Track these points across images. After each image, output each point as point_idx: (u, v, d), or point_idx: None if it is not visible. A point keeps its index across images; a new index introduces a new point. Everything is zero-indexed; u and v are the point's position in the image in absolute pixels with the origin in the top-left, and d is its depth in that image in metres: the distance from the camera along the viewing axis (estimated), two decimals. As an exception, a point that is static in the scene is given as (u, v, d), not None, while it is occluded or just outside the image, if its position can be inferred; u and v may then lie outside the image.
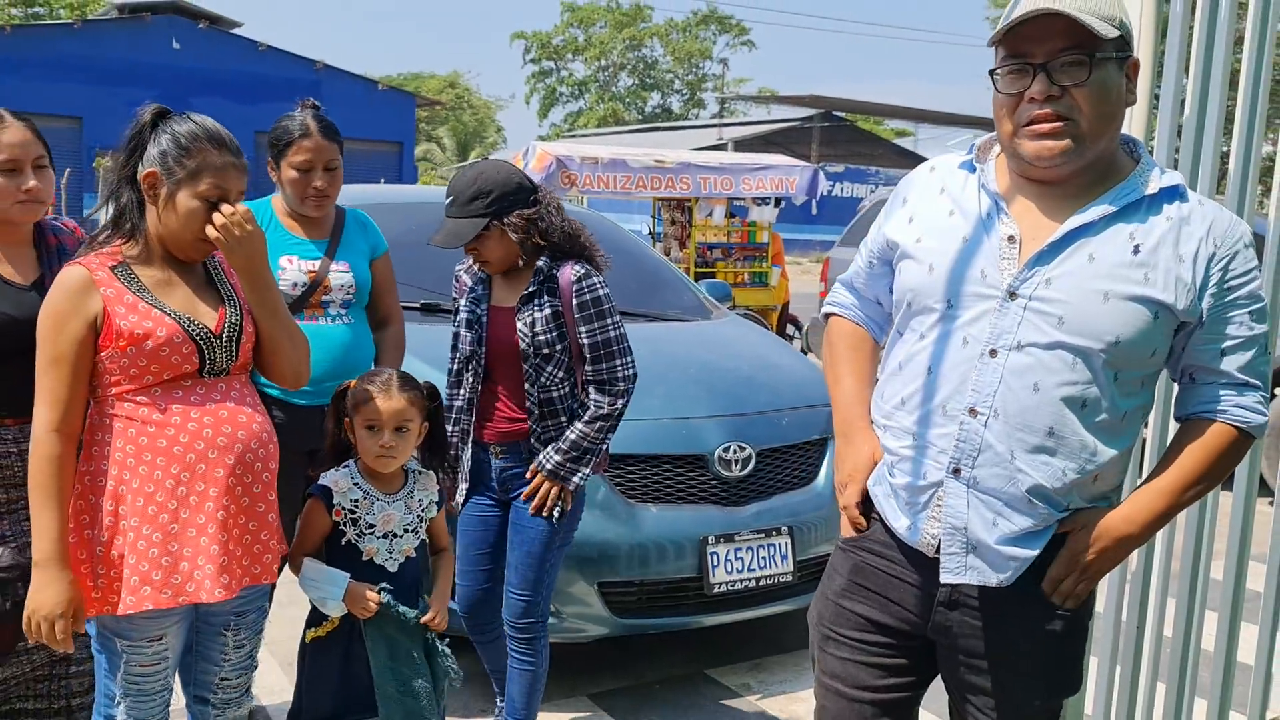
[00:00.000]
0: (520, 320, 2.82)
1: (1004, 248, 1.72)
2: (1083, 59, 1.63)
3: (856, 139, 37.21)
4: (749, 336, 4.76)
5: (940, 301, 1.77)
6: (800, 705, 3.59)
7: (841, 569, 1.95)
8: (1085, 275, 1.68)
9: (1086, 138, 1.67)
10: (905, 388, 1.82)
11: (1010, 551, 1.74)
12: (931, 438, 1.77)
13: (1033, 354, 1.69)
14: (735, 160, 11.39)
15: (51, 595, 2.05)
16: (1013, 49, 1.69)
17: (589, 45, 58.46)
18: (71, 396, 2.08)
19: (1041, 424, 1.69)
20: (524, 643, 2.92)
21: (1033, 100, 1.66)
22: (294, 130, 3.03)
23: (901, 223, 1.89)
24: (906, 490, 1.81)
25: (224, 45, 29.19)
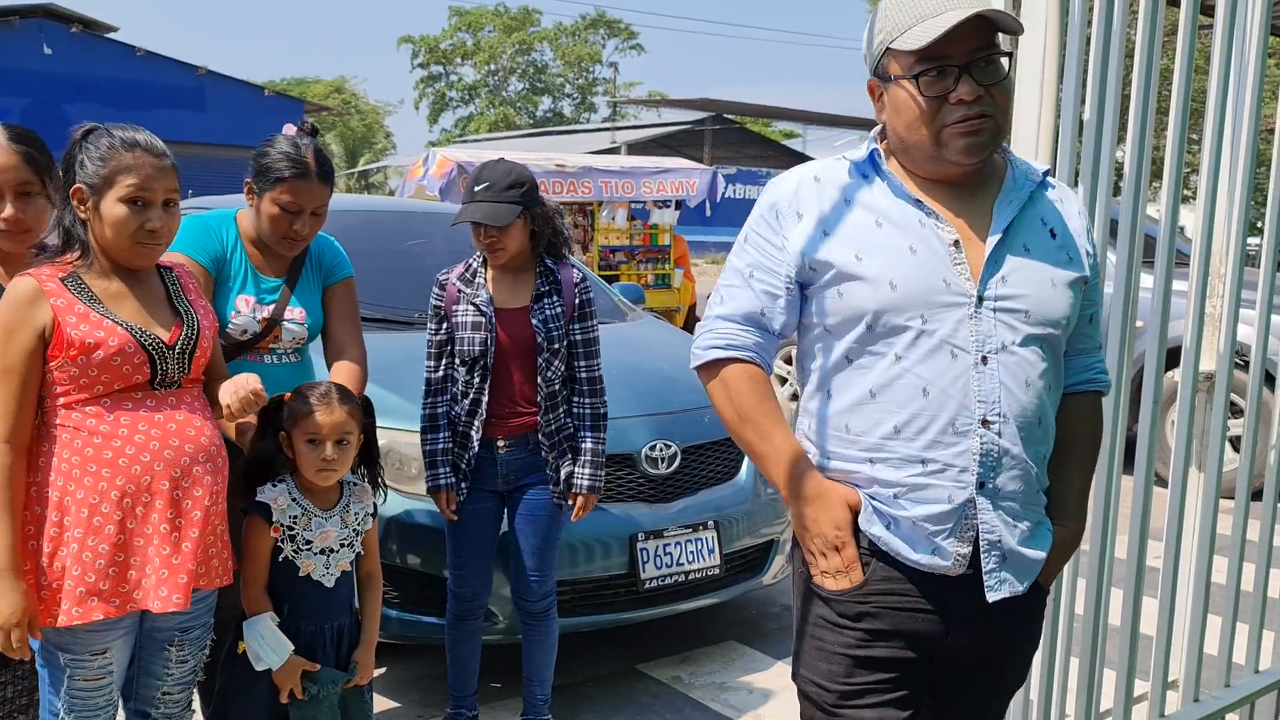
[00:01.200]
0: (535, 317, 3.03)
1: (952, 254, 1.71)
2: (999, 58, 1.68)
3: (747, 141, 37.75)
4: (666, 337, 4.85)
5: (914, 318, 1.69)
6: (730, 694, 3.69)
7: (848, 617, 1.78)
8: (1030, 267, 1.73)
9: (1000, 132, 1.73)
10: (895, 415, 1.71)
11: (1031, 554, 1.78)
12: (949, 459, 1.70)
13: (1015, 353, 1.71)
14: (636, 164, 11.50)
15: (6, 605, 2.03)
16: (929, 53, 1.66)
17: (478, 49, 58.10)
18: (20, 408, 2.07)
19: (1035, 417, 1.73)
20: (540, 616, 3.19)
21: (961, 102, 1.66)
22: (289, 168, 2.69)
23: (816, 240, 1.76)
24: (930, 519, 1.72)
25: (99, 50, 28.11)
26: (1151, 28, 2.48)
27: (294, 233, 2.75)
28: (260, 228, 2.80)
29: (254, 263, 2.83)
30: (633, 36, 59.10)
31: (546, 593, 3.20)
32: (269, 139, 2.79)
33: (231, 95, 29.26)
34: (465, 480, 3.11)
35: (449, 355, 3.13)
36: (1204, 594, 2.86)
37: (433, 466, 3.13)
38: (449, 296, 3.12)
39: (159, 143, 2.18)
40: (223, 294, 2.75)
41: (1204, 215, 2.70)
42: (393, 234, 4.83)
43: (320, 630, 2.53)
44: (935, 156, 1.72)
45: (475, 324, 3.04)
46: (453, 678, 3.25)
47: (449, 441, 3.11)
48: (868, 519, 1.76)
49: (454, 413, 3.11)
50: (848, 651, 1.78)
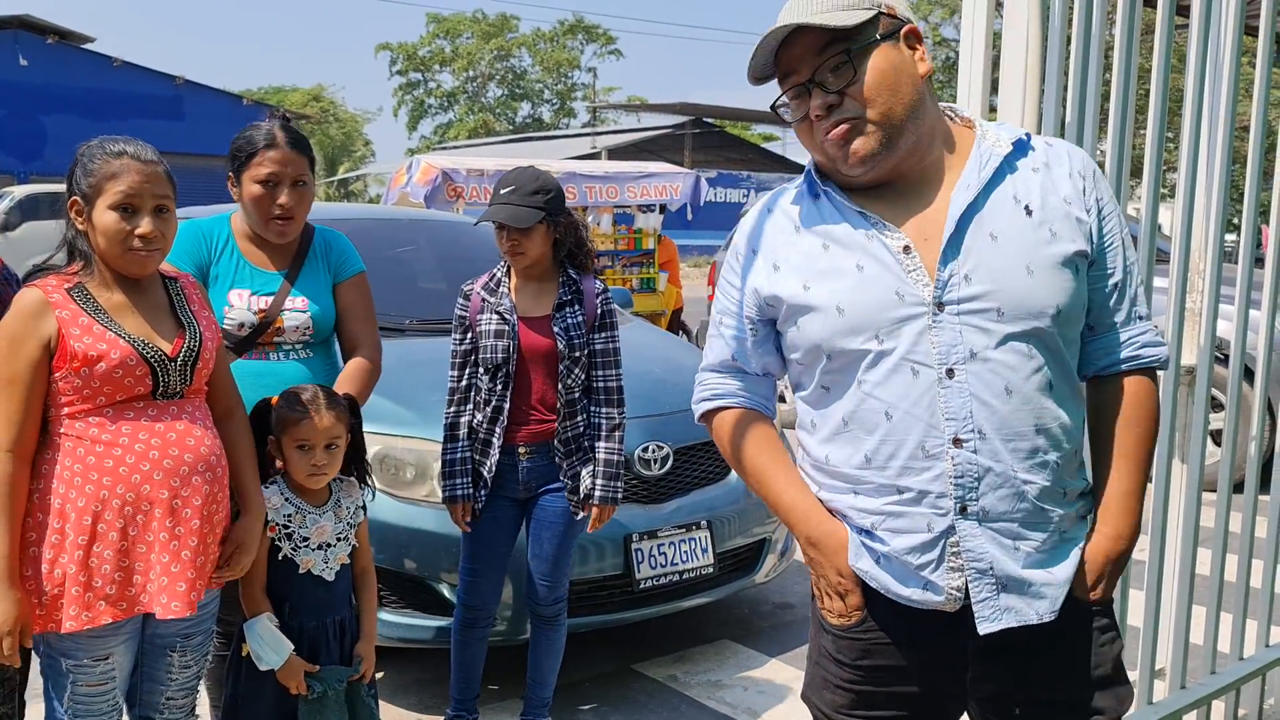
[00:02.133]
0: (557, 326, 3.07)
1: (904, 260, 1.58)
2: (843, 59, 1.55)
3: (727, 145, 37.85)
4: (655, 340, 4.90)
5: (869, 339, 1.58)
6: (725, 692, 3.73)
7: (847, 656, 1.72)
8: (998, 256, 1.56)
9: (887, 127, 1.56)
10: (864, 444, 1.62)
11: (1040, 576, 1.59)
12: (922, 484, 1.58)
13: (990, 359, 1.55)
14: (620, 169, 11.54)
15: (0, 612, 2.05)
16: (782, 75, 1.62)
17: (456, 56, 57.99)
18: (25, 417, 2.09)
19: (1027, 425, 1.56)
20: (550, 621, 3.23)
21: (819, 117, 1.58)
22: (258, 140, 2.71)
23: (768, 275, 1.69)
24: (912, 551, 1.60)
25: (76, 61, 27.96)
26: (1129, 28, 2.54)
27: (280, 208, 2.71)
28: (249, 217, 2.77)
29: (251, 259, 2.80)
30: (611, 42, 59.14)
31: (558, 598, 3.23)
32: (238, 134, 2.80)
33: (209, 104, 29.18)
34: (485, 488, 3.13)
35: (472, 364, 3.16)
36: (1189, 585, 2.92)
37: (451, 476, 3.15)
38: (473, 306, 3.16)
39: (149, 151, 2.20)
40: (214, 293, 2.73)
41: (1183, 212, 2.76)
42: (381, 241, 4.85)
43: (322, 625, 2.56)
44: (837, 171, 1.64)
45: (498, 331, 3.08)
46: (456, 682, 3.27)
47: (469, 450, 3.15)
48: (856, 552, 1.67)
49: (475, 420, 3.15)
50: (851, 687, 1.73)
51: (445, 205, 9.65)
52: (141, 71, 28.98)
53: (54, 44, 27.69)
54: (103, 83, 27.89)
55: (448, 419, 3.18)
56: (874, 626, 1.69)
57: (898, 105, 1.56)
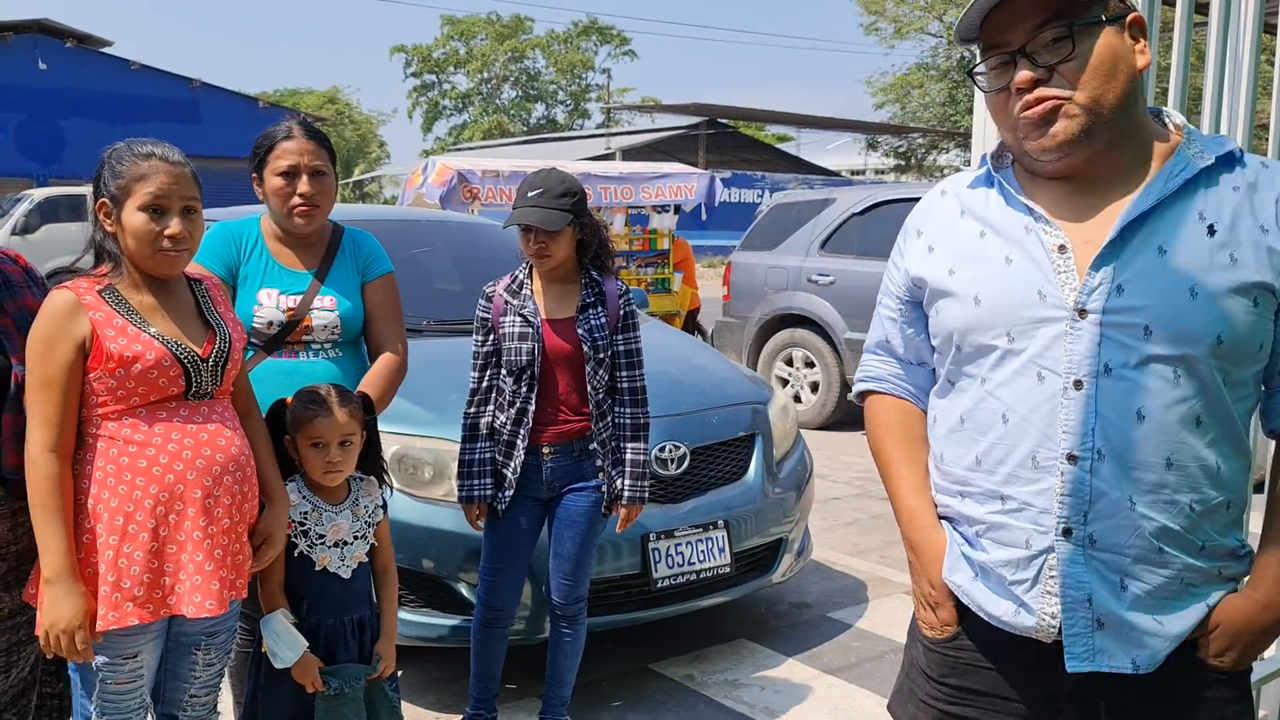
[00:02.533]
0: (581, 328, 3.08)
1: (1056, 260, 1.49)
2: (1063, 32, 1.45)
3: (741, 145, 37.84)
4: (671, 340, 4.90)
5: (999, 336, 1.51)
6: (743, 691, 3.73)
7: (934, 671, 1.66)
8: (1161, 272, 1.43)
9: (1093, 115, 1.45)
10: (977, 444, 1.55)
11: (1145, 623, 1.46)
12: (1027, 497, 1.49)
13: (1127, 377, 1.43)
14: (634, 169, 11.55)
15: (68, 608, 2.07)
16: (987, 41, 1.51)
17: (470, 58, 58.12)
18: (64, 417, 2.11)
19: (1156, 456, 1.43)
20: (570, 620, 3.24)
21: (1019, 90, 1.48)
22: (276, 134, 2.80)
23: (922, 256, 1.65)
24: (1006, 566, 1.52)
25: (94, 64, 28.16)
26: (1148, 26, 2.53)
27: (301, 196, 2.75)
28: (275, 213, 2.82)
29: (280, 259, 2.84)
30: (625, 43, 59.18)
31: (579, 597, 3.24)
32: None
33: (226, 107, 29.33)
34: (510, 489, 3.13)
35: (494, 366, 3.17)
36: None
37: (469, 476, 3.15)
38: (496, 308, 3.16)
39: (176, 153, 2.24)
40: (244, 292, 2.78)
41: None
42: (397, 242, 4.87)
43: (340, 623, 2.57)
44: (1022, 153, 1.55)
45: (522, 334, 3.08)
46: (475, 681, 3.29)
47: (488, 452, 3.15)
48: (952, 565, 1.61)
49: (499, 422, 3.15)
50: (935, 704, 1.66)
51: (461, 206, 9.67)
52: (159, 74, 29.16)
53: (72, 48, 27.88)
54: (120, 86, 28.07)
55: (468, 419, 3.19)
56: (966, 645, 1.61)
57: (1109, 94, 1.46)
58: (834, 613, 4.51)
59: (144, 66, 28.91)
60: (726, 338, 9.10)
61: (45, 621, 2.09)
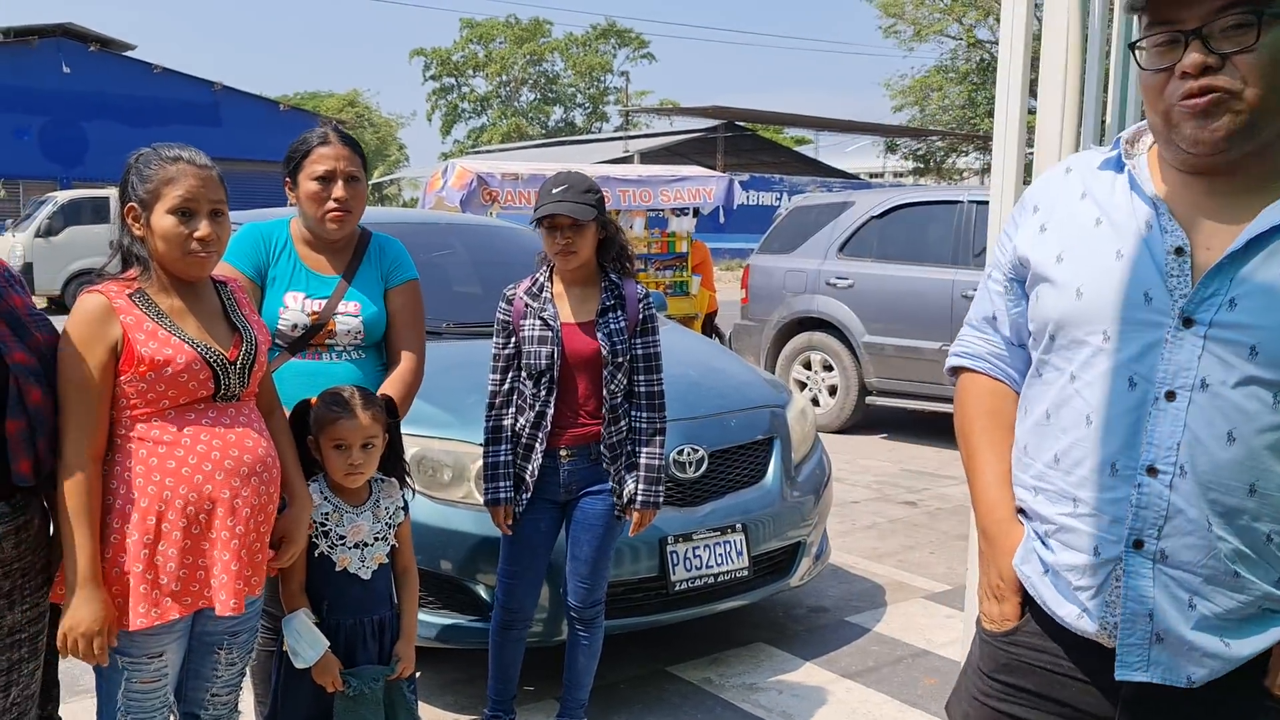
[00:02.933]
0: (601, 331, 3.08)
1: (1171, 263, 1.41)
2: (1248, 19, 1.34)
3: (759, 148, 37.80)
4: (690, 343, 4.90)
5: (1095, 333, 1.46)
6: (760, 695, 3.73)
7: (987, 666, 1.63)
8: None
9: (1258, 115, 1.36)
10: (1058, 441, 1.51)
11: (1209, 644, 1.41)
12: (1101, 504, 1.45)
13: (1223, 395, 1.37)
14: (652, 172, 11.57)
15: (89, 613, 2.10)
16: (1158, 15, 1.40)
17: (489, 61, 58.29)
18: (96, 420, 2.13)
19: (1240, 481, 1.37)
20: (588, 623, 3.24)
21: (1186, 75, 1.37)
22: (312, 140, 2.84)
23: (1033, 234, 1.59)
24: (1074, 570, 1.49)
25: (117, 68, 28.44)
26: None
27: (336, 201, 2.79)
28: (307, 218, 2.85)
29: (308, 263, 2.87)
30: (644, 45, 59.23)
31: (596, 600, 3.24)
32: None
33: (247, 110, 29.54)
34: (526, 492, 3.14)
35: (515, 369, 3.17)
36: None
37: (494, 479, 3.15)
38: (516, 311, 3.16)
39: (202, 156, 2.26)
40: (271, 294, 2.82)
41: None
42: (417, 245, 4.88)
43: (360, 624, 2.59)
44: (1169, 143, 1.44)
45: (541, 337, 3.09)
46: (494, 683, 3.30)
47: (510, 454, 3.16)
48: (1024, 556, 1.57)
49: (518, 424, 3.16)
50: (985, 701, 1.62)
51: (480, 209, 9.70)
52: (181, 78, 29.42)
53: (96, 52, 28.16)
54: (143, 89, 28.34)
55: (490, 422, 3.19)
56: (1024, 642, 1.58)
57: (1276, 98, 1.36)
58: (852, 617, 4.50)
59: (166, 70, 29.17)
60: (745, 341, 9.09)
61: (66, 623, 2.11)
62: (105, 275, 2.25)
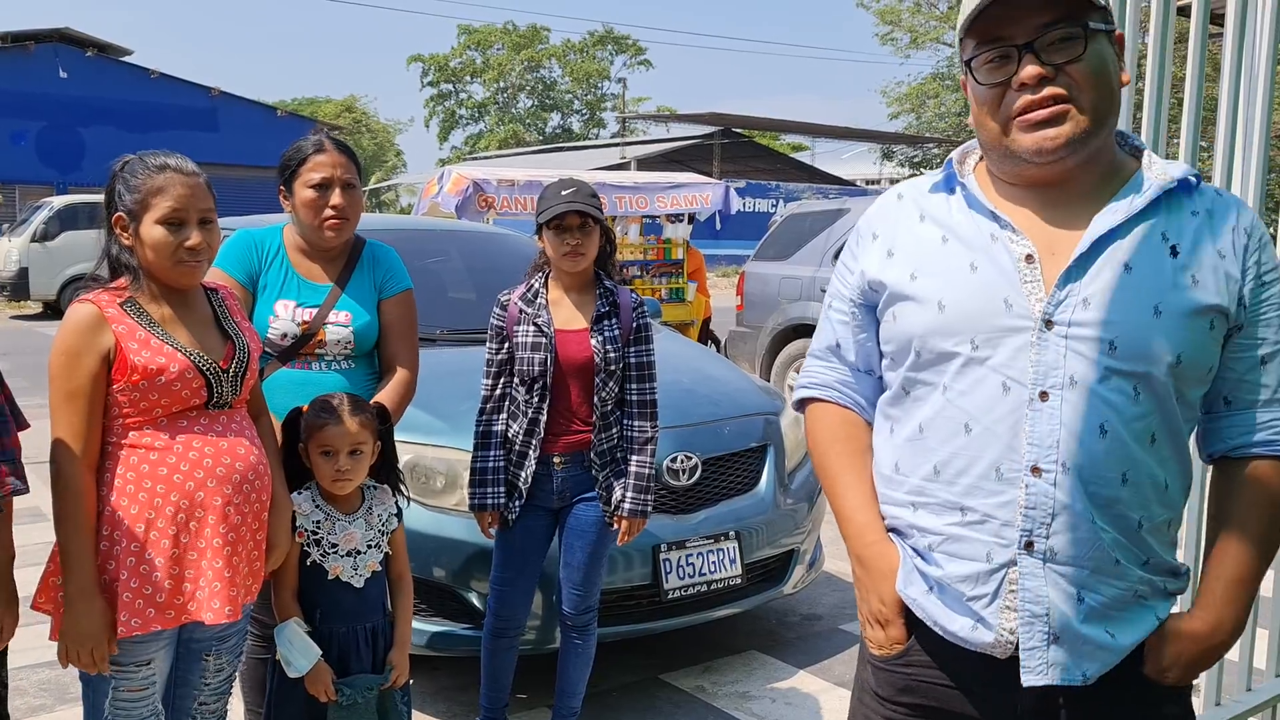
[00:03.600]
0: (594, 339, 3.08)
1: (1023, 270, 1.47)
2: (1074, 32, 1.42)
3: (756, 155, 37.86)
4: (684, 351, 4.90)
5: (963, 343, 1.49)
6: (753, 703, 3.72)
7: (885, 691, 1.63)
8: (1127, 289, 1.43)
9: (1092, 122, 1.44)
10: (936, 454, 1.52)
11: (1098, 636, 1.46)
12: (989, 509, 1.47)
13: (1090, 390, 1.42)
14: (649, 179, 11.57)
15: (92, 623, 2.10)
16: (986, 34, 1.46)
17: (487, 67, 58.42)
18: (89, 429, 2.13)
19: (1114, 472, 1.43)
20: (581, 630, 3.23)
21: (1023, 86, 1.44)
22: (306, 148, 2.81)
23: (880, 259, 1.62)
24: (965, 581, 1.49)
25: (114, 73, 28.42)
26: (1163, 37, 2.52)
27: (333, 209, 2.77)
28: (302, 226, 2.83)
29: (300, 271, 2.85)
30: (640, 52, 59.40)
31: (589, 608, 3.23)
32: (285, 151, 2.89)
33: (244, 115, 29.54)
34: (520, 499, 3.13)
35: (508, 374, 3.17)
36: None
37: (481, 484, 3.14)
38: (510, 316, 3.16)
39: (190, 164, 2.25)
40: (262, 302, 2.79)
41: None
42: (412, 251, 4.88)
43: (353, 632, 2.57)
44: (1007, 155, 1.50)
45: (535, 344, 3.08)
46: (486, 690, 3.28)
47: (501, 460, 3.15)
48: (906, 578, 1.58)
49: (511, 431, 3.15)
50: None
51: (476, 216, 9.71)
52: (178, 83, 29.41)
53: (93, 56, 28.16)
54: (140, 94, 28.33)
55: (480, 427, 3.18)
56: (918, 661, 1.58)
57: (1105, 101, 1.45)
58: (845, 625, 4.49)
59: (163, 75, 29.16)
60: (740, 347, 9.09)
61: (68, 633, 2.10)
62: (95, 282, 2.24)
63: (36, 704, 3.59)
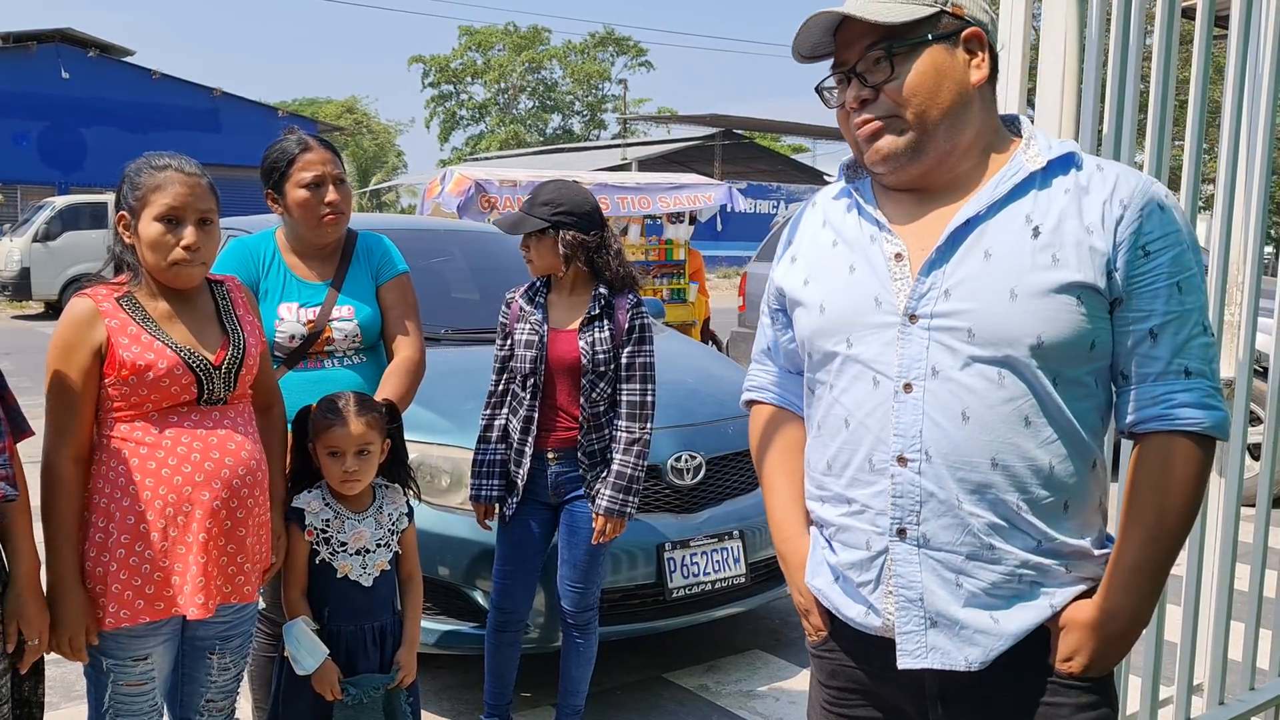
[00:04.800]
0: (583, 340, 3.10)
1: (893, 268, 1.53)
2: (879, 54, 1.49)
3: (756, 156, 37.86)
4: (687, 350, 4.91)
5: (840, 342, 1.56)
6: (757, 702, 3.73)
7: (821, 676, 1.71)
8: (986, 276, 1.46)
9: (918, 132, 1.50)
10: (827, 449, 1.59)
11: (979, 620, 1.48)
12: (866, 499, 1.53)
13: (953, 379, 1.46)
14: (650, 180, 11.58)
15: (71, 613, 2.12)
16: (835, 58, 1.57)
17: (488, 68, 58.40)
18: (79, 423, 2.15)
19: (981, 457, 1.45)
20: (581, 628, 3.25)
21: (853, 109, 1.54)
22: (292, 149, 2.78)
23: (786, 266, 1.70)
24: (854, 568, 1.56)
25: (116, 74, 28.43)
26: (1168, 39, 2.53)
27: (329, 206, 2.76)
28: (297, 225, 2.82)
29: (297, 272, 2.85)
30: (642, 53, 59.34)
31: (589, 605, 3.24)
32: (263, 154, 2.87)
33: (246, 116, 29.53)
34: (516, 495, 3.18)
35: (510, 370, 3.23)
36: (1227, 600, 2.89)
37: (480, 476, 3.21)
38: (512, 314, 3.24)
39: (192, 164, 2.26)
40: (265, 308, 2.80)
41: (1221, 225, 2.74)
42: (415, 251, 4.89)
43: (360, 630, 2.58)
44: (864, 165, 1.60)
45: (529, 342, 3.14)
46: (489, 687, 3.30)
47: (502, 454, 3.21)
48: (814, 570, 1.65)
49: (511, 426, 3.21)
50: (828, 708, 1.71)
51: (478, 216, 9.71)
52: (179, 84, 29.41)
53: (95, 57, 28.16)
54: (142, 95, 28.33)
55: (483, 420, 3.26)
56: (836, 648, 1.66)
57: (933, 110, 1.49)
58: (849, 624, 4.48)
59: (165, 76, 29.16)
60: (742, 348, 9.11)
61: (53, 623, 2.11)
62: (98, 277, 2.26)
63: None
